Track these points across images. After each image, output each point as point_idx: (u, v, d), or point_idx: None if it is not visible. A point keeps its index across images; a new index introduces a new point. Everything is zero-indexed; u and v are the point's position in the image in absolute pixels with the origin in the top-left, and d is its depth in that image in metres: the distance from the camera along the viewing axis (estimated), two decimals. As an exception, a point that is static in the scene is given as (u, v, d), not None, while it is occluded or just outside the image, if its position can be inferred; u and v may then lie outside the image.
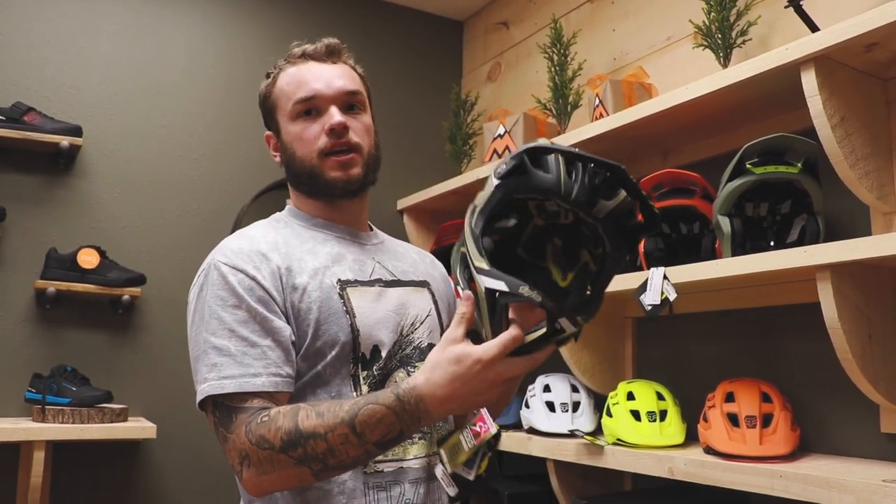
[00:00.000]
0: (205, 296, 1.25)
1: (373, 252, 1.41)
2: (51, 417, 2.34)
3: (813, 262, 1.53)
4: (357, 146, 1.35)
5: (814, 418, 1.84)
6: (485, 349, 1.06)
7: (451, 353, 1.09)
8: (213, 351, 1.20)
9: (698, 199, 1.94)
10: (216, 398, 1.19)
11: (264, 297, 1.24)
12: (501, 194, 1.05)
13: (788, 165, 1.71)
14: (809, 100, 1.61)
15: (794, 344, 1.91)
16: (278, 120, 1.39)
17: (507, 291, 1.02)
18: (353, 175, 1.35)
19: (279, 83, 1.39)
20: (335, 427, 1.11)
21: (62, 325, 2.61)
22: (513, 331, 1.05)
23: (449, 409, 1.10)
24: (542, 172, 1.03)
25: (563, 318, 1.04)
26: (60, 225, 2.64)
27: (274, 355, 1.21)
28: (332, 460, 1.12)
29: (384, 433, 1.11)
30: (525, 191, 1.04)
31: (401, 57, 3.31)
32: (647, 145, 2.24)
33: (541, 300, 1.01)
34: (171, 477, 2.69)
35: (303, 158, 1.34)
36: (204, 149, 2.89)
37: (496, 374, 1.07)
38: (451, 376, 1.08)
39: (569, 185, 1.01)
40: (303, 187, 1.39)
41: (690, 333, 2.18)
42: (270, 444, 1.13)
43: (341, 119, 1.33)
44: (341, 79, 1.37)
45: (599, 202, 1.01)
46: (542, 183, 1.02)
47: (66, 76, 2.70)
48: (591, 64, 2.66)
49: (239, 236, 1.33)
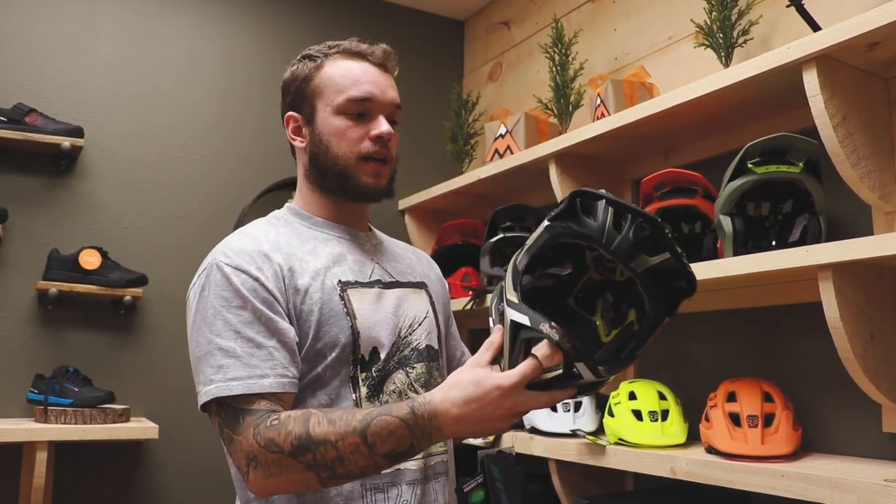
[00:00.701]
0: (207, 296, 1.24)
1: (372, 253, 1.41)
2: (53, 418, 2.34)
3: (815, 262, 1.53)
4: (391, 159, 1.38)
5: (815, 418, 1.84)
6: (505, 376, 1.08)
7: (473, 374, 1.10)
8: (218, 352, 1.20)
9: (700, 198, 1.94)
10: (222, 400, 1.18)
11: (268, 298, 1.23)
12: (549, 236, 1.08)
13: (790, 165, 1.71)
14: (811, 99, 1.61)
15: (796, 343, 1.91)
16: (317, 106, 1.37)
17: (528, 325, 1.05)
18: (382, 185, 1.37)
19: (329, 70, 1.37)
20: (346, 435, 1.11)
21: (64, 325, 2.61)
22: (531, 361, 1.06)
23: (461, 430, 1.11)
24: (589, 219, 1.05)
25: (582, 364, 1.04)
26: (62, 226, 2.64)
27: (280, 356, 1.21)
28: (340, 468, 1.12)
29: (395, 445, 1.11)
30: (570, 235, 1.06)
31: (402, 57, 3.27)
32: (648, 145, 2.24)
33: (558, 339, 1.03)
34: (173, 477, 2.69)
35: (339, 156, 1.34)
36: (205, 149, 2.89)
37: (514, 403, 1.08)
38: (469, 397, 1.09)
39: (612, 234, 1.03)
40: (324, 182, 1.37)
41: (692, 333, 2.18)
42: (280, 447, 1.13)
43: (391, 130, 1.36)
44: (393, 90, 1.42)
45: (640, 256, 1.03)
46: (587, 229, 1.04)
47: (67, 77, 2.71)
48: (593, 63, 2.66)
49: (240, 235, 1.33)
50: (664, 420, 1.91)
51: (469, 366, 1.12)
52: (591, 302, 1.17)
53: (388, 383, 1.29)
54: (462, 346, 1.61)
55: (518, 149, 2.61)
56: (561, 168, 2.34)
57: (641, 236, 1.03)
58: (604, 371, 1.05)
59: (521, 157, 2.47)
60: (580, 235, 1.05)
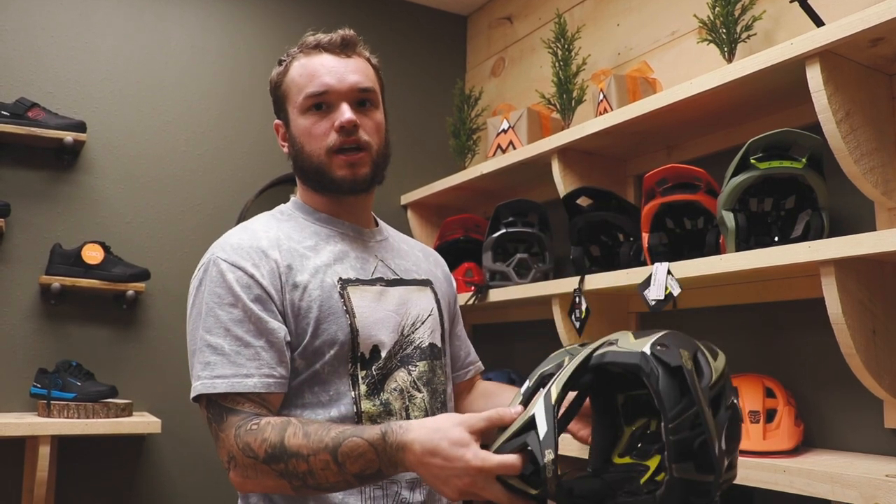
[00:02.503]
0: (203, 291, 1.25)
1: (376, 249, 1.41)
2: (56, 412, 2.35)
3: (817, 258, 1.53)
4: (366, 145, 1.33)
5: (818, 413, 1.84)
6: (482, 457, 1.02)
7: (457, 434, 1.05)
8: (207, 349, 1.21)
9: (702, 194, 1.93)
10: (209, 396, 1.21)
11: (261, 295, 1.24)
12: (643, 381, 1.01)
13: (793, 161, 1.70)
14: (814, 95, 1.61)
15: (798, 339, 1.91)
16: (288, 111, 1.37)
17: (538, 438, 0.99)
18: (361, 174, 1.33)
19: (291, 73, 1.36)
20: (318, 452, 1.11)
21: (67, 320, 2.61)
22: (515, 460, 1.01)
23: (422, 474, 1.08)
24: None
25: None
26: (65, 220, 2.64)
27: (267, 356, 1.21)
28: (311, 481, 1.13)
29: (363, 467, 1.10)
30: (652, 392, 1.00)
31: (404, 52, 3.31)
32: (651, 140, 2.24)
33: (547, 476, 0.97)
34: (176, 471, 2.70)
35: (310, 154, 1.33)
36: (208, 144, 2.90)
37: (472, 483, 1.03)
38: (437, 450, 1.05)
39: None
40: (309, 182, 1.38)
41: (694, 328, 2.18)
42: (255, 453, 1.14)
43: (352, 117, 1.30)
44: (355, 74, 1.34)
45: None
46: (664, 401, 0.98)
47: (69, 72, 2.71)
48: (595, 59, 2.65)
49: (241, 230, 1.33)
50: (666, 415, 1.91)
51: (464, 422, 1.07)
52: (636, 411, 1.14)
53: (389, 381, 1.29)
54: (468, 345, 1.60)
55: (520, 144, 2.61)
56: (563, 163, 2.34)
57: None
58: None
59: (524, 153, 2.47)
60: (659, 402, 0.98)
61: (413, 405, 1.30)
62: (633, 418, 1.18)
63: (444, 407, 1.37)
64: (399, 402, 1.28)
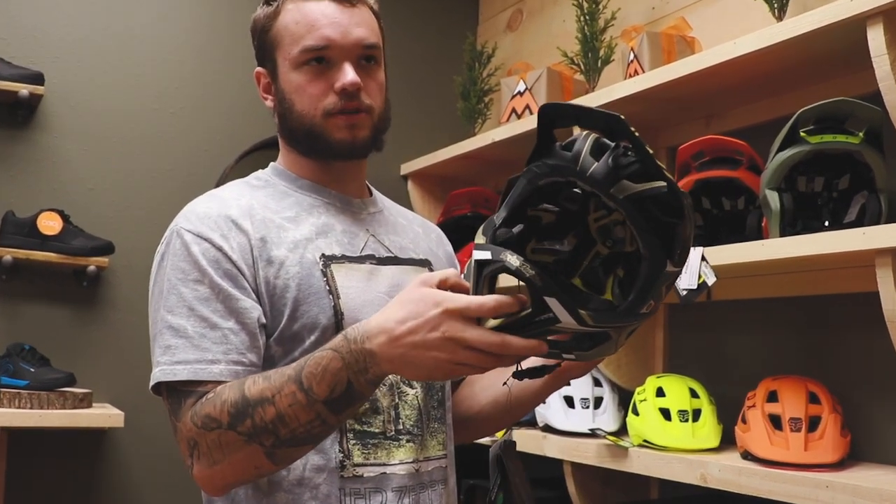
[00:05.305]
0: (165, 267, 1.25)
1: (367, 223, 1.40)
2: (6, 402, 2.37)
3: (872, 246, 1.53)
4: (368, 108, 1.32)
5: (867, 422, 1.85)
6: (451, 296, 1.03)
7: (418, 292, 1.06)
8: (168, 331, 1.21)
9: (744, 170, 1.93)
10: (169, 384, 1.20)
11: (231, 270, 1.23)
12: (526, 181, 1.08)
13: (848, 135, 1.70)
14: (875, 60, 1.60)
15: (848, 338, 1.91)
16: (277, 61, 1.35)
17: (490, 259, 1.02)
18: (360, 137, 1.33)
19: (284, 18, 1.34)
20: (282, 386, 1.11)
21: (19, 298, 2.63)
22: (493, 297, 1.02)
23: (394, 357, 1.06)
24: (566, 152, 1.04)
25: (554, 300, 0.99)
26: (18, 185, 2.65)
27: (237, 340, 1.21)
28: (283, 430, 1.11)
29: (331, 385, 1.09)
30: (546, 173, 1.06)
31: (407, 1, 3.29)
32: (687, 108, 2.24)
33: (518, 265, 0.99)
34: (140, 470, 2.72)
35: (303, 114, 1.32)
36: (183, 102, 2.89)
37: (452, 329, 1.01)
38: (405, 313, 1.05)
39: (588, 161, 1.01)
40: (297, 144, 1.37)
41: (729, 323, 2.19)
42: (217, 421, 1.13)
43: (356, 79, 1.29)
44: (360, 27, 1.32)
45: (622, 183, 0.99)
46: (561, 160, 1.04)
47: (27, 17, 2.70)
48: (626, 13, 2.64)
49: (208, 198, 1.33)
50: (695, 421, 1.92)
51: (416, 284, 1.08)
52: (599, 279, 1.15)
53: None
54: None
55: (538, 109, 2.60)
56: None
57: (623, 162, 1.00)
58: (587, 317, 1.00)
59: (542, 119, 2.46)
60: (554, 169, 1.04)
61: (404, 402, 1.29)
62: (600, 286, 1.18)
63: (441, 405, 1.37)
64: (387, 399, 1.28)
